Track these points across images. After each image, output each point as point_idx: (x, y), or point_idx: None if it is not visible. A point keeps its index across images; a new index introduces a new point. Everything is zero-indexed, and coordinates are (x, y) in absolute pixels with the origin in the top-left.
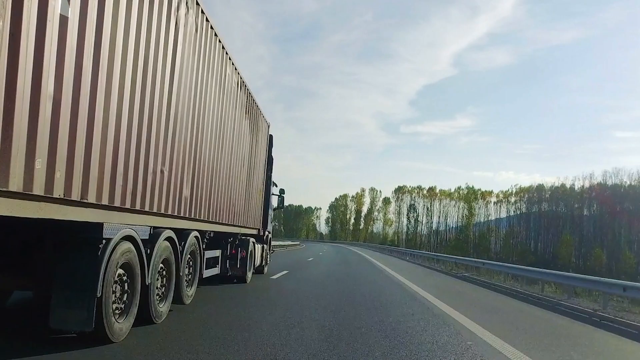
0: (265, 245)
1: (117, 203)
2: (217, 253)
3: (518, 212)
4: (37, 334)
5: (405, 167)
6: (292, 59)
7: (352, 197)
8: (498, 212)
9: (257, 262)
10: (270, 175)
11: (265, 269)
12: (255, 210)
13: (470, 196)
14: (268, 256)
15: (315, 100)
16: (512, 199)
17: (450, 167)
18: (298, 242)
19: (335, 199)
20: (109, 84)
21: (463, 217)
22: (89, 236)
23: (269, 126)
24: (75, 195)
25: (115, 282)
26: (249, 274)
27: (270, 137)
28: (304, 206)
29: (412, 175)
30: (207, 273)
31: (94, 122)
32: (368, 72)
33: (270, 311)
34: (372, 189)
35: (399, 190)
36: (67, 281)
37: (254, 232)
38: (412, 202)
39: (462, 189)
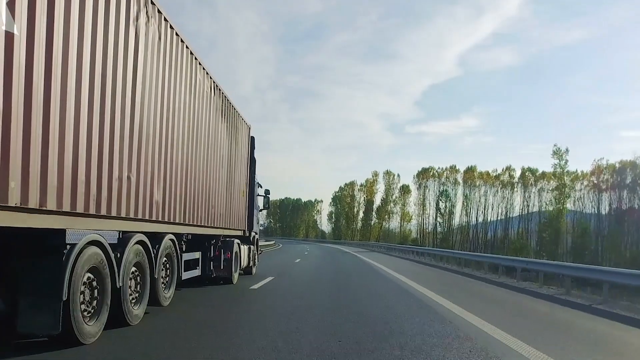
0: (252, 246)
1: (80, 209)
2: (196, 255)
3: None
4: (8, 339)
5: (410, 167)
6: (297, 60)
7: (361, 185)
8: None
9: (244, 263)
10: (254, 177)
11: (254, 269)
12: (238, 212)
13: (535, 179)
14: (256, 257)
15: (320, 100)
16: (581, 184)
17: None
18: (273, 242)
19: (340, 187)
20: (63, 98)
21: (502, 207)
22: (53, 242)
23: (249, 128)
24: (33, 204)
25: (84, 285)
26: (235, 275)
27: (252, 138)
28: (303, 200)
29: None
30: (186, 275)
31: (49, 135)
32: (373, 73)
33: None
34: (388, 172)
35: (423, 175)
36: (33, 286)
37: (239, 233)
38: (444, 187)
39: (512, 169)
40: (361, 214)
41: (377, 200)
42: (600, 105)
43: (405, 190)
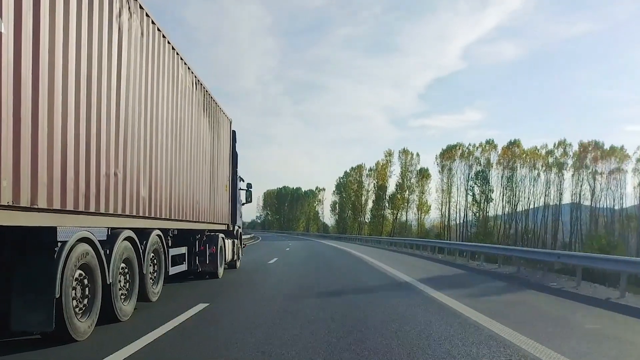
0: (236, 240)
1: (69, 207)
2: (182, 250)
3: None
4: (2, 337)
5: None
6: (301, 53)
7: (370, 169)
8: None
9: (229, 257)
10: (237, 171)
11: (238, 263)
12: (222, 206)
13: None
14: (240, 251)
15: (323, 94)
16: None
17: None
18: (252, 234)
19: (345, 172)
20: (51, 95)
21: (551, 193)
22: (44, 240)
23: (231, 122)
24: (24, 202)
25: (75, 282)
26: (221, 269)
27: (234, 132)
28: (304, 189)
29: None
30: (173, 270)
31: (38, 132)
32: (377, 66)
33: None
34: (405, 151)
35: (448, 154)
36: (26, 284)
37: (223, 227)
38: (479, 168)
39: (568, 144)
40: (370, 204)
41: (391, 186)
42: (605, 99)
43: (423, 174)
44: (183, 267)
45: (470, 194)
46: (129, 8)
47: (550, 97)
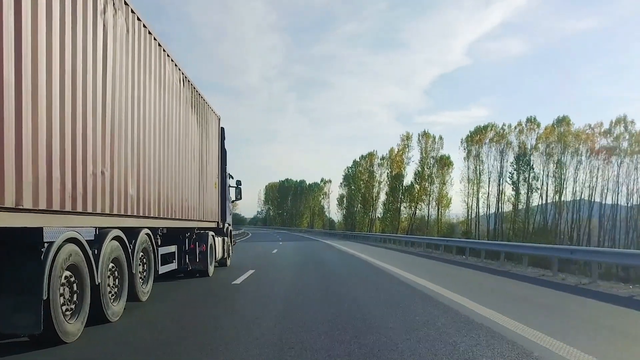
0: (226, 238)
1: (56, 207)
2: (172, 249)
3: None
4: None
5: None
6: (305, 49)
7: (383, 158)
8: None
9: (219, 255)
10: (225, 168)
11: (228, 261)
12: (211, 204)
13: None
14: (230, 248)
15: (328, 90)
16: None
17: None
18: (242, 230)
19: (354, 162)
20: (35, 94)
21: (602, 183)
22: (31, 241)
23: (219, 119)
24: (9, 202)
25: (63, 283)
26: (211, 268)
27: (222, 129)
28: (308, 182)
29: None
30: (163, 269)
31: (22, 132)
32: (381, 63)
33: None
34: (426, 134)
35: (476, 137)
36: (12, 286)
37: (213, 225)
38: (520, 151)
39: (631, 122)
40: (383, 197)
41: (409, 176)
42: (610, 96)
43: (445, 163)
44: (173, 265)
45: (510, 182)
46: (114, 4)
47: (555, 94)
